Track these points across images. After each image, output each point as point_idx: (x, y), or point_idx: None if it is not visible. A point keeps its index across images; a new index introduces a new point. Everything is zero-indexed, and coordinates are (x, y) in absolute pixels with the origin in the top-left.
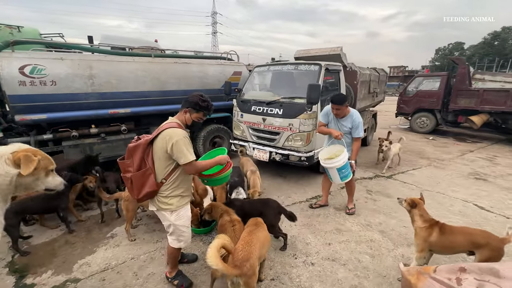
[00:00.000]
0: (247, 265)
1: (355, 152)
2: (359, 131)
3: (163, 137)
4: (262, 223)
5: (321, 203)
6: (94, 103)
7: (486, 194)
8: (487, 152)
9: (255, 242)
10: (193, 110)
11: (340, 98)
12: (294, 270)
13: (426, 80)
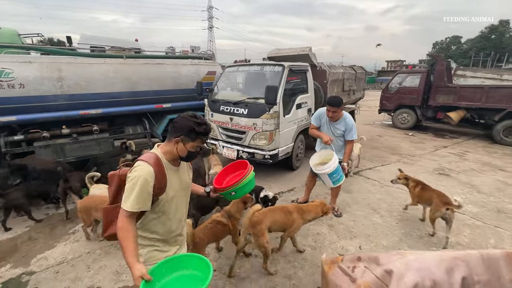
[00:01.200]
0: (258, 227)
1: (348, 154)
2: (353, 134)
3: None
4: (287, 208)
5: (301, 201)
6: (64, 105)
7: (443, 189)
8: (460, 148)
9: (269, 216)
10: (187, 139)
11: (337, 100)
12: (237, 262)
13: (407, 76)
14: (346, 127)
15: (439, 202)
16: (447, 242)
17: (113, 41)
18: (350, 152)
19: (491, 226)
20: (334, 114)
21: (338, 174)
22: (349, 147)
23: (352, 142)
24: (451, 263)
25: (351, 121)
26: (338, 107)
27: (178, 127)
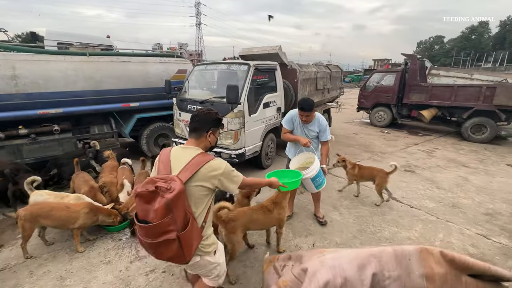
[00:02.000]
0: (231, 224)
1: (325, 156)
2: (327, 134)
3: (204, 175)
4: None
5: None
6: (20, 104)
7: (405, 185)
8: (430, 145)
9: (245, 215)
10: (216, 129)
11: (308, 104)
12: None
13: (384, 75)
14: (320, 128)
15: (382, 174)
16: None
17: (83, 37)
18: (327, 153)
19: (443, 221)
20: (308, 118)
21: (321, 177)
22: (325, 148)
23: (328, 143)
24: (364, 260)
25: (324, 121)
26: (311, 111)
27: (205, 122)
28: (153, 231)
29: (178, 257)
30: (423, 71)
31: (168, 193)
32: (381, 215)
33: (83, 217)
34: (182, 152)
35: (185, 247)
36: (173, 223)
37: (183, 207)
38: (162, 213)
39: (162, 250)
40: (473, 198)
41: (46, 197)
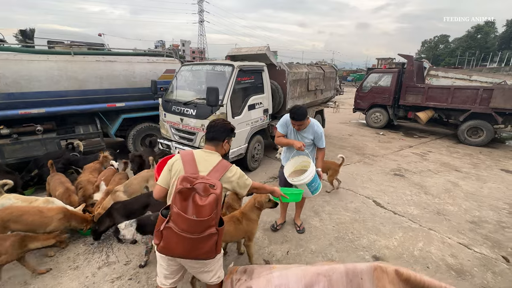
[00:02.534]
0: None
1: (321, 160)
2: (323, 142)
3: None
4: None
5: (280, 222)
6: (1, 104)
7: (392, 190)
8: (424, 148)
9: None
10: (230, 138)
11: (301, 113)
12: None
13: (380, 76)
14: (315, 135)
15: (335, 166)
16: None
17: (74, 35)
18: (323, 158)
19: (425, 229)
20: (301, 126)
21: (317, 181)
22: (321, 153)
23: (324, 150)
24: (312, 279)
25: (319, 128)
26: (303, 120)
27: (222, 131)
28: (201, 226)
29: (212, 251)
30: (420, 72)
31: (213, 189)
32: (362, 221)
33: (56, 223)
34: (208, 156)
35: (219, 241)
36: (215, 217)
37: (220, 204)
38: (210, 209)
39: (203, 245)
40: (460, 204)
41: (14, 201)
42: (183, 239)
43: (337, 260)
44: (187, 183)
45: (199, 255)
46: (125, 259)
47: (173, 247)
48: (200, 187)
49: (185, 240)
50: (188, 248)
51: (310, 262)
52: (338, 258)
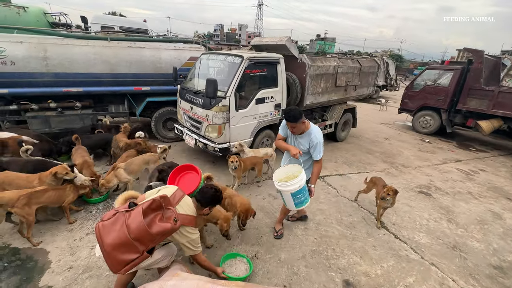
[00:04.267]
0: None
1: (315, 176)
2: (317, 152)
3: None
4: None
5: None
6: (50, 82)
7: (407, 209)
8: (476, 164)
9: None
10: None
11: (292, 114)
12: None
13: (438, 73)
14: (310, 144)
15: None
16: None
17: (123, 21)
18: (318, 173)
19: (426, 263)
20: (294, 129)
21: (304, 195)
22: (317, 167)
23: (319, 162)
24: None
25: (316, 138)
26: (295, 122)
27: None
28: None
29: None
30: (496, 71)
31: (174, 223)
32: (351, 239)
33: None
34: (190, 204)
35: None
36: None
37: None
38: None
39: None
40: (491, 242)
41: None
42: (119, 229)
43: (244, 283)
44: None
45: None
46: None
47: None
48: (168, 213)
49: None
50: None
51: (273, 272)
52: (304, 274)
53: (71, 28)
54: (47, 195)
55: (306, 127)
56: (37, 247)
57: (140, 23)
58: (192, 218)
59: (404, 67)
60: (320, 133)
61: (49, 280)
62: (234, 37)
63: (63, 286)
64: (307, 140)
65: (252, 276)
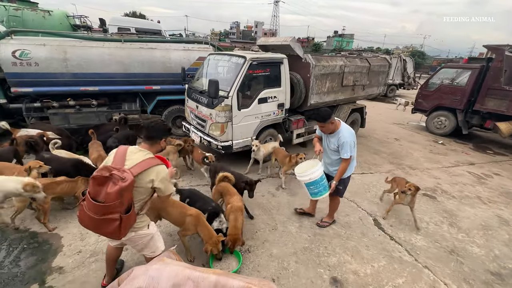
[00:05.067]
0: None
1: (339, 173)
2: (345, 151)
3: (149, 175)
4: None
5: (305, 210)
6: (69, 81)
7: (408, 212)
8: (491, 168)
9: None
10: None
11: (319, 114)
12: None
13: (455, 72)
14: (338, 143)
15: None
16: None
17: (138, 23)
18: (343, 171)
19: (419, 266)
20: (323, 129)
21: (317, 187)
22: (342, 165)
23: (346, 161)
24: (182, 281)
25: (344, 137)
26: (324, 122)
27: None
28: (102, 210)
29: (115, 233)
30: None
31: (122, 182)
32: (344, 239)
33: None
34: (137, 152)
35: (124, 227)
36: (120, 206)
37: (130, 195)
38: (114, 197)
39: (103, 226)
40: (493, 248)
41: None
42: (88, 217)
43: (223, 272)
44: (106, 171)
45: (104, 234)
46: None
47: (83, 221)
48: (115, 177)
49: (90, 218)
50: (92, 225)
51: (263, 266)
52: (293, 269)
53: (91, 29)
54: (61, 186)
55: (336, 127)
56: (52, 232)
57: (154, 24)
58: (148, 160)
59: (426, 64)
60: (349, 132)
61: (61, 261)
62: (250, 35)
63: (72, 268)
64: (336, 139)
65: (241, 269)
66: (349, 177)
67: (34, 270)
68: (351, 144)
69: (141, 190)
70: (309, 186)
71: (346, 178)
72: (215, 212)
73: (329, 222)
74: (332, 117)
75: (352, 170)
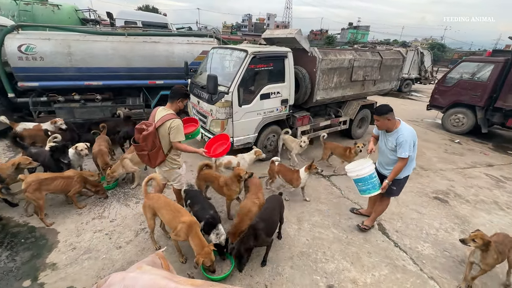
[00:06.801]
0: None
1: (394, 172)
2: (403, 150)
3: (166, 126)
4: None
5: (362, 212)
6: (73, 76)
7: (416, 216)
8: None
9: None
10: (183, 99)
11: (378, 108)
12: None
13: (477, 66)
14: (396, 141)
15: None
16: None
17: (145, 16)
18: (398, 171)
19: (425, 276)
20: (378, 123)
21: (366, 185)
22: (398, 164)
23: (403, 160)
24: None
25: (403, 136)
26: (379, 115)
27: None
28: (137, 148)
29: (148, 163)
30: None
31: (145, 131)
32: (345, 244)
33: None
34: (162, 111)
35: (152, 159)
36: (145, 146)
37: (152, 139)
38: (141, 140)
39: (142, 158)
40: None
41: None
42: (137, 154)
43: (204, 282)
44: (142, 125)
45: (145, 163)
46: (113, 217)
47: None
48: (144, 128)
49: (138, 155)
50: (140, 158)
51: (257, 270)
52: (288, 275)
53: (100, 23)
54: (55, 183)
55: (395, 126)
56: (50, 227)
57: (160, 17)
58: (167, 115)
59: (447, 57)
60: (409, 131)
61: (55, 257)
62: (262, 27)
63: (65, 264)
64: (395, 138)
65: (233, 273)
66: (406, 178)
67: (28, 266)
68: (410, 144)
69: (164, 136)
70: (357, 183)
71: (402, 179)
72: (213, 222)
73: (369, 227)
74: (391, 114)
75: (410, 171)
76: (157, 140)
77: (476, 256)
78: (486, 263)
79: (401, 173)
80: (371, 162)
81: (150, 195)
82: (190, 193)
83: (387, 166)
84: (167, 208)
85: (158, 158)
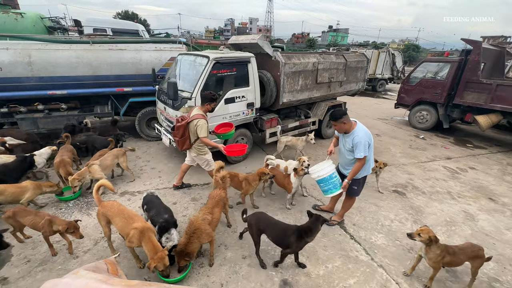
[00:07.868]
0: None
1: (352, 172)
2: (358, 151)
3: (194, 122)
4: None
5: (323, 208)
6: (35, 85)
7: (374, 210)
8: (468, 162)
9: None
10: (211, 102)
11: (333, 113)
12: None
13: (435, 66)
14: (352, 143)
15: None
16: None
17: (114, 23)
18: (356, 171)
19: (374, 265)
20: (336, 128)
21: (327, 185)
22: (356, 165)
23: (360, 161)
24: None
25: (358, 137)
26: (335, 121)
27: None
28: (173, 134)
29: (179, 146)
30: (500, 63)
31: (178, 123)
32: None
33: None
34: (195, 110)
35: (180, 144)
36: (177, 134)
37: (182, 130)
38: (176, 129)
39: (176, 142)
40: None
41: None
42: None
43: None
44: (179, 118)
45: (178, 146)
46: None
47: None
48: (178, 121)
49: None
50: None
51: (214, 270)
52: (244, 273)
53: (68, 31)
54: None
55: (352, 127)
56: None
57: (131, 23)
58: (196, 115)
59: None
60: (363, 133)
61: (6, 272)
62: (245, 32)
63: (17, 278)
64: (351, 139)
65: (190, 273)
66: (364, 178)
67: None
68: (365, 144)
69: (191, 129)
70: (319, 183)
71: (361, 179)
72: (166, 226)
73: (337, 221)
74: (345, 117)
75: (369, 171)
76: (186, 131)
77: (422, 250)
78: (429, 257)
79: (359, 174)
80: (331, 162)
81: (103, 203)
82: (147, 197)
83: (346, 166)
84: (120, 216)
85: (185, 145)
